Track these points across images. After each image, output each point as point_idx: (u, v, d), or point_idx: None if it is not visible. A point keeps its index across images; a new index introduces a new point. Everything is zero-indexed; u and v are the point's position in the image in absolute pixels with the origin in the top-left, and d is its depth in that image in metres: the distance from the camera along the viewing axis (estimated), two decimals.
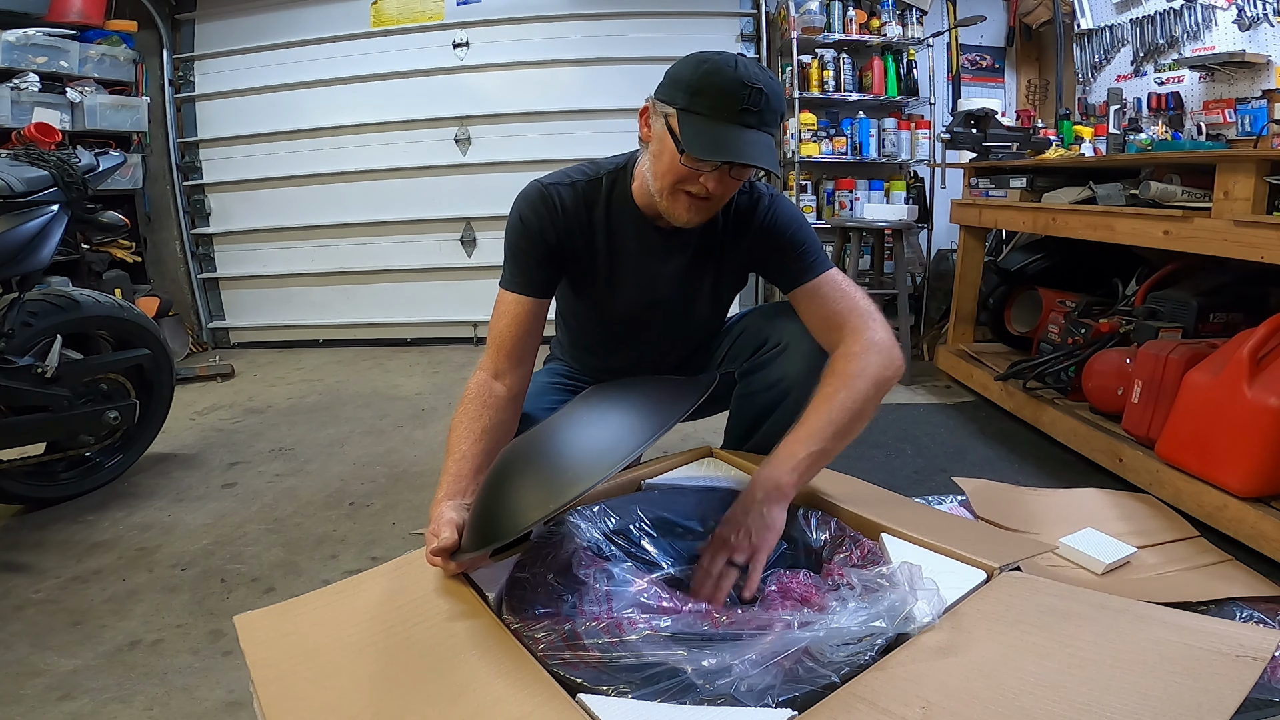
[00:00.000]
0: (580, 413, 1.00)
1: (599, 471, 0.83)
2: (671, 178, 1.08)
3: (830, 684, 0.68)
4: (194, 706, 1.12)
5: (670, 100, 1.06)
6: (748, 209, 1.25)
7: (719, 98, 1.01)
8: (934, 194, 3.56)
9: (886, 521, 0.98)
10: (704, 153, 1.02)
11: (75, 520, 1.80)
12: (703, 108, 1.02)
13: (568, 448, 0.92)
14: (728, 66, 1.02)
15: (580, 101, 3.69)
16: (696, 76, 1.03)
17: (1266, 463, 1.43)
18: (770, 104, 1.02)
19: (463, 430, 1.07)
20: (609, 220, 1.24)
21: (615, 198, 1.24)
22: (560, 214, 1.21)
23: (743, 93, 1.01)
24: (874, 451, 2.13)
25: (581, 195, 1.23)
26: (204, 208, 3.95)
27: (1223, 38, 2.61)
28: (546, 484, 0.84)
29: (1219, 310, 1.94)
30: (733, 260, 1.30)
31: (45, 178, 1.72)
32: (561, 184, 1.23)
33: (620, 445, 0.86)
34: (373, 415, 2.66)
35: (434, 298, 3.91)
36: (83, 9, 3.19)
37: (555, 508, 0.81)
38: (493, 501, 0.87)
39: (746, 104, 1.01)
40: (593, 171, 1.25)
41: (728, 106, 1.01)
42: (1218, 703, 0.61)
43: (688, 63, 1.06)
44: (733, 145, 1.01)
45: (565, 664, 0.72)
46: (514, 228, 1.22)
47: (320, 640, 0.77)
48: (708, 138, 1.02)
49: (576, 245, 1.24)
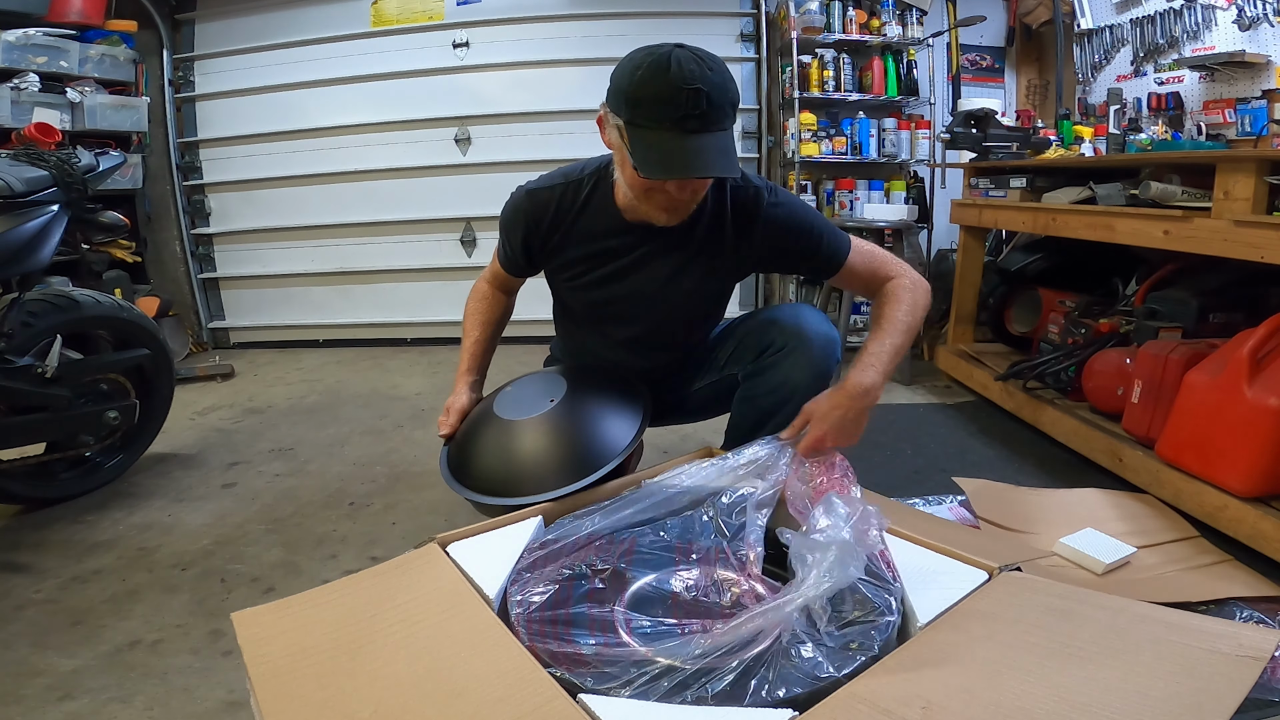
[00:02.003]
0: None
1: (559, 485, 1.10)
2: (638, 187, 1.10)
3: (833, 681, 0.68)
4: (194, 706, 1.12)
5: (616, 111, 1.04)
6: (750, 204, 1.24)
7: (658, 107, 0.98)
8: (934, 194, 3.56)
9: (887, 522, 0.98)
10: (652, 173, 1.01)
11: (75, 520, 1.80)
12: (645, 120, 1.00)
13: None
14: (661, 69, 0.97)
15: (580, 101, 3.69)
16: (633, 84, 1.00)
17: (1266, 462, 1.43)
18: (713, 101, 0.99)
19: (477, 319, 1.49)
20: (592, 220, 1.26)
21: (598, 197, 1.26)
22: (540, 214, 1.28)
23: (680, 98, 0.97)
24: (874, 451, 2.12)
25: (560, 196, 1.27)
26: (204, 208, 3.94)
27: (1223, 38, 2.61)
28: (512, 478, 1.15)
29: (1219, 310, 1.94)
30: (730, 256, 1.29)
31: (45, 178, 1.72)
32: (543, 187, 1.28)
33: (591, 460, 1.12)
34: (373, 415, 2.66)
35: (434, 298, 3.91)
36: (83, 9, 3.19)
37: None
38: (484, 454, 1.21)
39: (687, 109, 0.97)
40: (574, 174, 1.27)
41: (668, 115, 0.98)
42: (1218, 703, 0.61)
43: (625, 66, 1.02)
44: (679, 159, 0.99)
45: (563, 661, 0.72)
46: (502, 226, 1.36)
47: (319, 638, 0.77)
48: (655, 155, 1.00)
49: (559, 245, 1.29)
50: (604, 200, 1.25)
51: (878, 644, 0.73)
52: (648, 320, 1.35)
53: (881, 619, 0.76)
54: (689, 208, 1.16)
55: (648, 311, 1.33)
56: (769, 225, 1.25)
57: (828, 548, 0.77)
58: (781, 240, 1.26)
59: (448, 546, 0.95)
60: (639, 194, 1.12)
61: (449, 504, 1.82)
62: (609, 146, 1.14)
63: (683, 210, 1.15)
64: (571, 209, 1.27)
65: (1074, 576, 1.34)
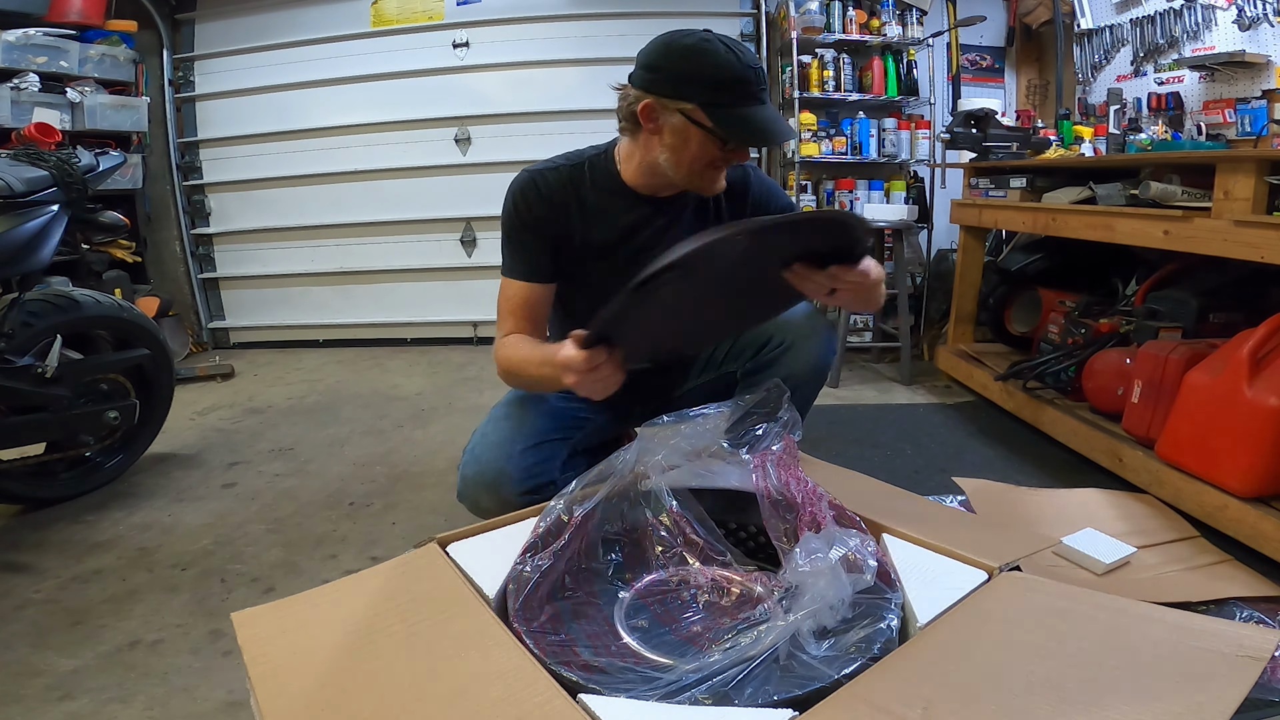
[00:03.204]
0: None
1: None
2: (704, 162, 1.18)
3: (833, 681, 0.68)
4: (194, 706, 1.12)
5: (679, 95, 1.14)
6: (739, 180, 1.35)
7: (737, 86, 1.11)
8: (934, 194, 3.56)
9: (888, 521, 0.98)
10: (754, 140, 1.16)
11: (75, 520, 1.80)
12: (730, 99, 1.12)
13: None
14: (726, 54, 1.11)
15: (580, 101, 3.69)
16: (703, 69, 1.11)
17: (1266, 462, 1.43)
18: (762, 75, 1.15)
19: (534, 351, 1.18)
20: (596, 197, 1.29)
21: (600, 176, 1.30)
22: (547, 196, 1.27)
23: (751, 76, 1.11)
24: (874, 451, 2.13)
25: (566, 176, 1.29)
26: (204, 208, 3.94)
27: (1223, 38, 2.61)
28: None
29: (1219, 310, 1.94)
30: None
31: (45, 178, 1.72)
32: (546, 169, 1.30)
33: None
34: (373, 415, 2.66)
35: (434, 298, 3.91)
36: (83, 9, 3.19)
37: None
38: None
39: (756, 85, 1.12)
40: (575, 157, 1.32)
41: (747, 93, 1.11)
42: (1218, 703, 0.61)
43: (676, 52, 1.13)
44: (770, 127, 1.14)
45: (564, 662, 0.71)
46: (509, 216, 1.29)
47: (319, 638, 0.77)
48: (750, 126, 1.13)
49: (564, 224, 1.29)
50: (608, 178, 1.29)
51: (878, 644, 0.73)
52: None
53: (881, 620, 0.76)
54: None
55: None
56: (756, 194, 1.38)
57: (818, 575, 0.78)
58: (766, 206, 1.38)
59: (448, 546, 0.95)
60: (700, 169, 1.19)
61: (449, 504, 1.82)
62: (651, 132, 1.19)
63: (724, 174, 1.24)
64: (580, 185, 1.29)
65: (1074, 576, 1.34)
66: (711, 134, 1.13)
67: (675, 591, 0.94)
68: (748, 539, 1.08)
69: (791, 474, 0.97)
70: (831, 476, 1.17)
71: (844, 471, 1.26)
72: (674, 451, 1.01)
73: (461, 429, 2.45)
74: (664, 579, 0.95)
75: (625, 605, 0.89)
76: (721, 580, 0.95)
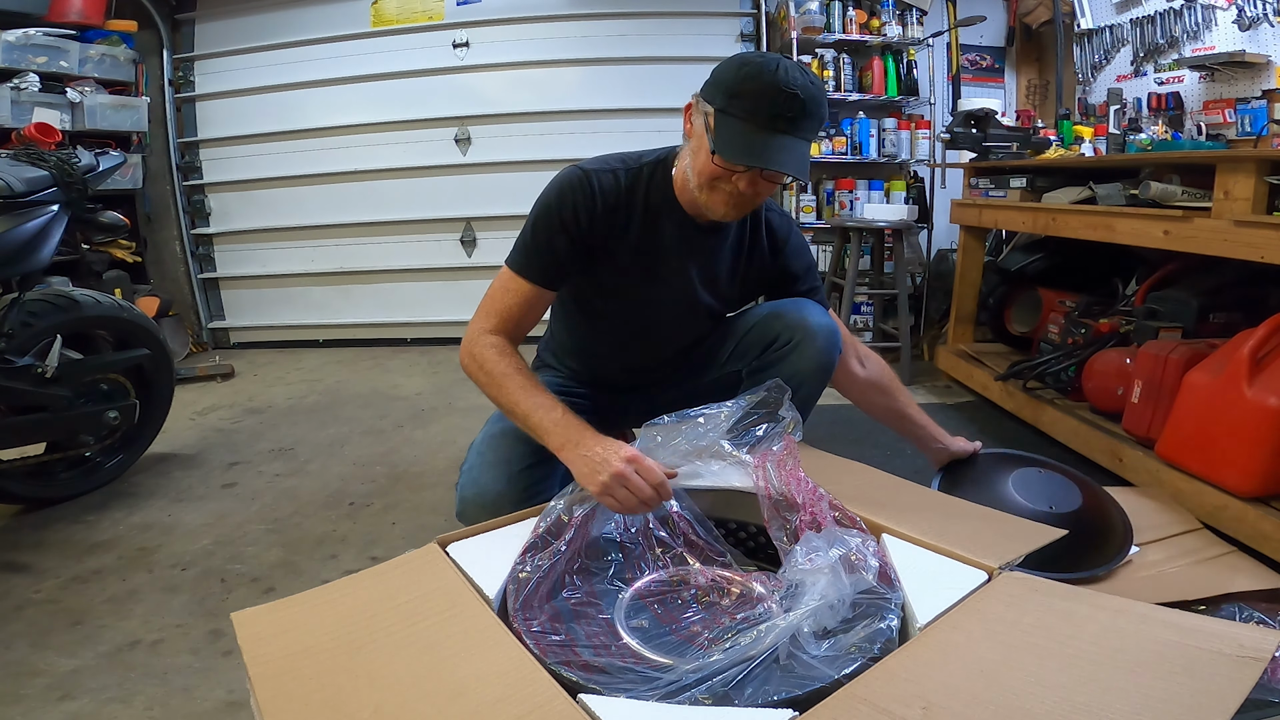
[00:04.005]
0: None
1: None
2: (706, 175, 1.11)
3: (833, 681, 0.68)
4: (194, 706, 1.12)
5: (710, 100, 1.09)
6: (781, 229, 1.33)
7: (755, 101, 1.03)
8: (934, 194, 3.56)
9: (888, 521, 0.98)
10: (732, 157, 1.05)
11: (75, 520, 1.80)
12: (739, 111, 1.04)
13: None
14: (768, 70, 1.03)
15: (580, 101, 3.69)
16: (737, 79, 1.05)
17: (1267, 462, 1.43)
18: (807, 109, 1.04)
19: (528, 383, 1.10)
20: (648, 211, 1.24)
21: (654, 189, 1.24)
22: (600, 201, 1.20)
23: (779, 98, 1.02)
24: (874, 451, 2.12)
25: (623, 184, 1.22)
26: (204, 208, 3.94)
27: (1223, 38, 2.61)
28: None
29: (1219, 310, 1.94)
30: (760, 270, 1.35)
31: (45, 178, 1.72)
32: (603, 170, 1.22)
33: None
34: (373, 415, 2.66)
35: (434, 298, 3.91)
36: (83, 9, 3.19)
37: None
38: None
39: (781, 110, 1.03)
40: (633, 162, 1.25)
41: (762, 111, 1.03)
42: (1218, 703, 0.61)
43: (731, 63, 1.08)
44: (761, 151, 1.04)
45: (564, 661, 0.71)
46: (546, 210, 1.19)
47: (319, 638, 0.77)
48: (739, 142, 1.04)
49: (612, 234, 1.23)
50: (663, 193, 1.23)
51: (878, 644, 0.73)
52: (678, 316, 1.35)
53: (882, 620, 0.76)
54: (751, 205, 1.16)
55: (685, 309, 1.34)
56: (793, 250, 1.35)
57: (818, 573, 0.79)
58: (794, 264, 1.36)
59: (448, 546, 0.95)
60: (705, 182, 1.12)
61: (449, 504, 1.81)
62: (688, 135, 1.16)
63: (744, 207, 1.15)
64: (634, 195, 1.22)
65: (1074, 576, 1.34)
66: (712, 142, 1.07)
67: (675, 591, 0.94)
68: (748, 539, 1.08)
69: (792, 474, 0.96)
70: (833, 469, 1.17)
71: (846, 463, 1.27)
72: (674, 451, 1.01)
73: (461, 429, 2.46)
74: (664, 579, 0.96)
75: (625, 605, 0.89)
76: (721, 580, 0.95)
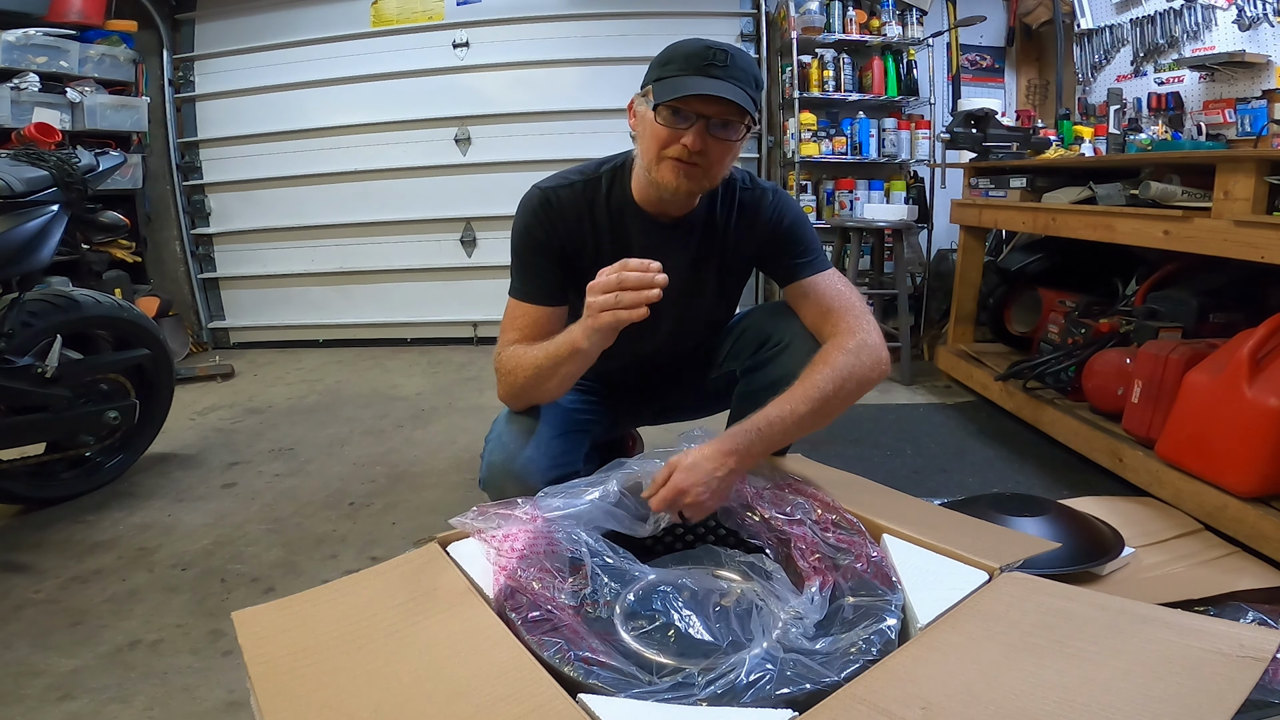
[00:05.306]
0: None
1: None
2: (655, 145, 1.11)
3: (833, 682, 0.68)
4: (194, 706, 1.12)
5: (646, 82, 1.13)
6: (753, 203, 1.28)
7: (685, 59, 1.08)
8: (934, 194, 3.56)
9: (887, 521, 0.98)
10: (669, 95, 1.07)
11: (75, 520, 1.80)
12: (672, 71, 1.09)
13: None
14: (694, 39, 1.10)
15: (580, 101, 3.69)
16: (666, 53, 1.11)
17: (1267, 462, 1.43)
18: (737, 62, 1.08)
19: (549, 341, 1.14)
20: (610, 217, 1.25)
21: (615, 194, 1.25)
22: (561, 215, 1.22)
23: (706, 53, 1.07)
24: (874, 451, 2.13)
25: (580, 194, 1.24)
26: (204, 208, 3.94)
27: (1223, 38, 2.61)
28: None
29: (1219, 310, 1.94)
30: (738, 253, 1.31)
31: (45, 178, 1.72)
32: (560, 185, 1.24)
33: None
34: (373, 415, 2.66)
35: (434, 298, 3.91)
36: (83, 9, 3.19)
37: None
38: None
39: (711, 60, 1.07)
40: (590, 171, 1.26)
41: (694, 64, 1.07)
42: (1218, 703, 0.61)
43: (663, 50, 1.13)
44: (695, 86, 1.05)
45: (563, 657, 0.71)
46: (519, 236, 1.24)
47: (319, 637, 0.77)
48: (675, 85, 1.07)
49: (580, 245, 1.25)
50: (623, 196, 1.24)
51: (878, 645, 0.73)
52: (666, 315, 1.34)
53: (882, 621, 0.76)
54: (706, 174, 1.13)
55: (668, 307, 1.33)
56: (772, 221, 1.28)
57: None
58: (778, 235, 1.29)
59: (448, 546, 0.95)
60: (655, 157, 1.12)
61: (449, 504, 1.82)
62: (634, 129, 1.17)
63: (698, 176, 1.13)
64: (594, 205, 1.24)
65: (1075, 577, 1.34)
66: (654, 108, 1.08)
67: (676, 591, 0.93)
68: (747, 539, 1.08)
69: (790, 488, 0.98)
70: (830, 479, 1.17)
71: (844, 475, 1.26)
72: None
73: (462, 429, 2.46)
74: (664, 579, 0.95)
75: (625, 605, 0.89)
76: (722, 580, 0.95)
